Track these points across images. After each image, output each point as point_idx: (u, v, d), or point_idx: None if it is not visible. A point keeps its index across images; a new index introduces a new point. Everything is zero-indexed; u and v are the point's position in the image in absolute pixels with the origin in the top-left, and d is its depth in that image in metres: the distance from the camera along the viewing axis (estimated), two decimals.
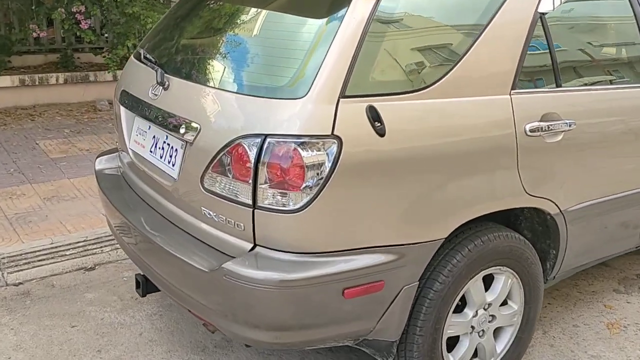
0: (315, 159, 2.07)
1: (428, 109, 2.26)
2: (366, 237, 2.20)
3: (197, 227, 2.39)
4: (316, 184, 2.08)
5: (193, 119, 2.35)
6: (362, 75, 2.16)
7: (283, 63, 2.22)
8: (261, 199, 2.14)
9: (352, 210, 2.15)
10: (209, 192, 2.28)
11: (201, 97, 2.39)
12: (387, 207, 2.21)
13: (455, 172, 2.32)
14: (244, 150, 2.14)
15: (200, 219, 2.36)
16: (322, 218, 2.12)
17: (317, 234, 2.14)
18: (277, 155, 2.09)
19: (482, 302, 2.62)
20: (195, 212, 2.38)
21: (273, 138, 2.09)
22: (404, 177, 2.21)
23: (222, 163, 2.22)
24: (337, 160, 2.08)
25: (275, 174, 2.10)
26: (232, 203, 2.20)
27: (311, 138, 2.07)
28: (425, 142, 2.24)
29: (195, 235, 2.41)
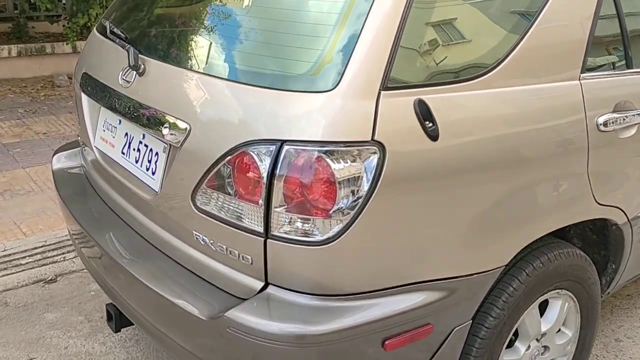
0: (351, 173, 1.55)
1: (487, 103, 1.74)
2: (412, 272, 1.69)
3: (188, 255, 1.85)
4: (351, 207, 1.56)
5: (179, 116, 1.79)
6: (408, 59, 1.63)
7: (303, 42, 1.67)
8: (276, 225, 1.60)
9: (396, 237, 1.64)
10: (203, 212, 1.74)
11: (190, 87, 1.82)
12: (440, 231, 1.70)
13: (521, 181, 1.82)
14: (253, 160, 1.60)
15: (192, 246, 1.82)
16: (358, 250, 1.60)
17: (351, 271, 1.63)
18: (298, 168, 1.55)
19: (537, 333, 2.15)
20: (185, 236, 1.84)
21: (292, 145, 1.55)
22: (460, 192, 1.70)
23: (220, 176, 1.68)
24: (379, 175, 1.55)
25: (296, 194, 1.57)
26: (235, 229, 1.67)
27: (345, 145, 1.53)
28: (486, 146, 1.72)
29: (185, 265, 1.87)
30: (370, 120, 1.54)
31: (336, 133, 1.54)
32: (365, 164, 1.55)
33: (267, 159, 1.58)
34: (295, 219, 1.59)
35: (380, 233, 1.61)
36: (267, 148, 1.58)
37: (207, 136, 1.71)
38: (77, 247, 2.39)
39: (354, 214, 1.56)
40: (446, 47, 1.71)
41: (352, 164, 1.54)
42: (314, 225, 1.58)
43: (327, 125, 1.54)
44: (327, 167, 1.54)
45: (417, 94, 1.61)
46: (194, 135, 1.73)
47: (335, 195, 1.54)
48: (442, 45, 1.70)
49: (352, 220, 1.56)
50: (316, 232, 1.58)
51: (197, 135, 1.73)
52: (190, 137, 1.74)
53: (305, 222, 1.58)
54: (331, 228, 1.57)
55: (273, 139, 1.57)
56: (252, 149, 1.60)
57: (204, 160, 1.70)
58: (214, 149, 1.67)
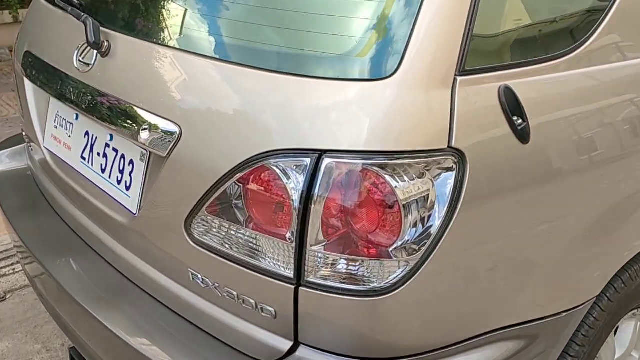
0: (420, 193, 1.09)
1: (581, 86, 1.29)
2: (488, 318, 1.26)
3: (182, 299, 1.37)
4: (420, 240, 1.10)
5: (164, 114, 1.29)
6: (488, 30, 1.16)
7: (343, 8, 1.18)
8: (312, 268, 1.14)
9: (476, 276, 1.20)
10: (202, 245, 1.27)
11: (179, 73, 1.31)
12: (530, 262, 1.27)
13: (626, 184, 1.39)
14: (277, 178, 1.13)
15: (187, 288, 1.35)
16: (427, 299, 1.16)
17: (414, 326, 1.19)
18: (345, 188, 1.09)
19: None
20: (177, 275, 1.36)
21: (336, 157, 1.09)
22: (557, 209, 1.26)
23: (227, 198, 1.20)
24: (459, 195, 1.10)
25: (342, 224, 1.10)
26: (250, 271, 1.20)
27: (412, 156, 1.07)
28: (589, 143, 1.28)
29: (179, 313, 1.39)
30: (446, 119, 1.09)
31: (399, 140, 1.07)
32: (438, 180, 1.10)
33: (298, 177, 1.11)
34: (340, 260, 1.13)
35: (458, 274, 1.17)
36: (298, 161, 1.11)
37: (208, 144, 1.22)
38: (27, 274, 1.88)
39: (425, 251, 1.11)
40: (533, 11, 1.25)
41: (421, 182, 1.09)
42: (368, 269, 1.12)
43: (385, 128, 1.08)
44: (386, 186, 1.08)
45: (502, 79, 1.16)
46: (187, 141, 1.25)
47: (400, 226, 1.09)
48: (527, 11, 1.24)
49: (422, 259, 1.11)
50: (372, 278, 1.12)
51: (191, 142, 1.24)
52: (182, 144, 1.25)
53: (355, 265, 1.13)
54: (392, 272, 1.12)
55: (307, 149, 1.10)
56: (275, 162, 1.13)
57: (203, 176, 1.22)
58: (218, 161, 1.19)
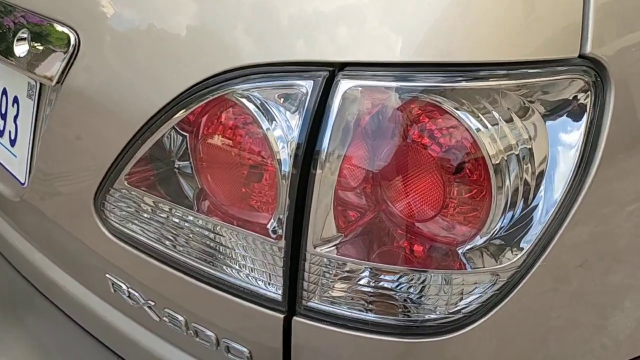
0: (523, 146, 0.57)
1: None
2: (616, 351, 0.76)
3: (100, 319, 0.86)
4: (522, 233, 0.59)
5: (49, 13, 0.74)
6: None
7: None
8: (316, 287, 0.63)
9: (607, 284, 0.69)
10: (125, 240, 0.75)
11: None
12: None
13: None
14: (249, 119, 0.60)
15: (109, 303, 0.84)
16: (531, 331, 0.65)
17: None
18: (376, 136, 0.57)
19: None
20: (92, 283, 0.85)
21: (360, 77, 0.57)
22: None
23: (162, 159, 0.67)
24: (595, 143, 0.59)
25: (370, 203, 0.59)
26: (208, 287, 0.68)
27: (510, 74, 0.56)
28: None
29: (99, 337, 0.88)
30: (577, 11, 0.56)
31: (484, 44, 0.55)
32: (557, 120, 0.58)
33: (291, 117, 0.59)
34: (365, 272, 0.62)
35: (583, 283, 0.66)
36: (290, 87, 0.59)
37: (124, 60, 0.68)
38: None
39: (532, 252, 0.60)
40: None
41: (526, 122, 0.57)
42: (418, 289, 0.61)
43: (458, 24, 0.55)
44: (458, 129, 0.57)
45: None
46: (89, 57, 0.71)
47: (486, 207, 0.58)
48: None
49: (526, 267, 0.60)
50: (423, 305, 0.61)
51: (95, 59, 0.70)
52: (81, 63, 0.71)
53: (393, 280, 0.61)
54: (466, 294, 0.61)
55: (307, 63, 0.58)
56: (245, 89, 0.60)
57: (118, 119, 0.69)
58: (141, 92, 0.66)
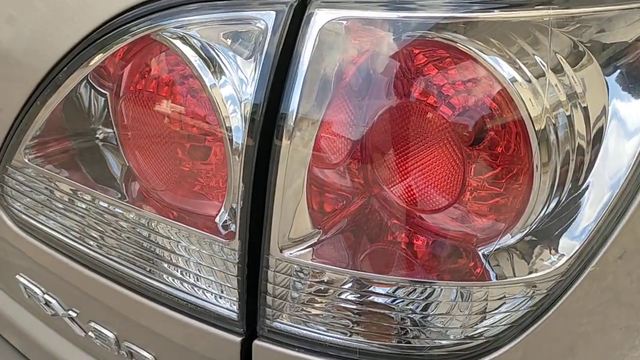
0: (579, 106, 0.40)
1: None
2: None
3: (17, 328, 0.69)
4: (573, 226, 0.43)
5: None
6: None
7: None
8: (283, 303, 0.47)
9: None
10: (35, 234, 0.58)
11: None
12: None
13: None
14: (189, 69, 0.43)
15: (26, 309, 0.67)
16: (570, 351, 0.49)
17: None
18: (365, 93, 0.43)
19: None
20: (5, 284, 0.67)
21: (341, 6, 0.39)
22: None
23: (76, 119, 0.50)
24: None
25: (360, 188, 0.43)
26: (144, 300, 0.51)
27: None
28: None
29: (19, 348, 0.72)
30: None
31: None
32: (623, 67, 0.41)
33: (245, 66, 0.42)
34: (350, 282, 0.45)
35: None
36: (242, 22, 0.41)
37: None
38: None
39: (581, 253, 0.43)
40: None
41: (579, 72, 0.40)
42: (423, 304, 0.44)
43: None
44: (482, 82, 0.40)
45: None
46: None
47: (526, 188, 0.41)
48: None
49: (573, 274, 0.44)
50: (434, 324, 0.44)
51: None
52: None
53: (391, 293, 0.45)
54: (494, 311, 0.44)
55: None
56: (180, 26, 0.42)
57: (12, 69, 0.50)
58: (42, 31, 0.48)
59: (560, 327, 0.46)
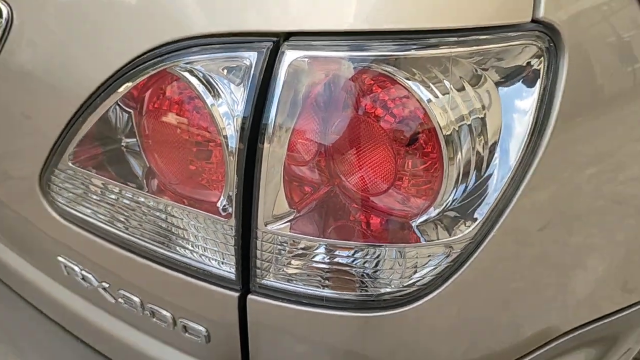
0: (476, 116, 0.56)
1: None
2: (562, 317, 0.76)
3: (56, 302, 0.84)
4: (476, 205, 0.58)
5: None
6: None
7: None
8: (270, 265, 0.62)
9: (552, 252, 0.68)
10: (74, 221, 0.73)
11: None
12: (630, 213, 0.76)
13: None
14: (195, 93, 0.58)
15: (63, 285, 0.82)
16: (483, 301, 0.65)
17: (455, 346, 0.67)
18: (326, 109, 0.56)
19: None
20: (44, 265, 0.82)
21: (307, 48, 0.54)
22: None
23: (107, 136, 0.65)
24: (549, 111, 0.58)
25: (323, 177, 0.58)
26: (162, 268, 0.66)
27: (460, 41, 0.54)
28: None
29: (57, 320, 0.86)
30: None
31: (434, 11, 0.54)
32: (512, 86, 0.57)
33: (236, 91, 0.57)
34: (319, 248, 0.61)
35: (533, 252, 0.65)
36: (234, 59, 0.57)
37: (61, 34, 0.65)
38: None
39: (484, 223, 0.59)
40: None
41: (479, 91, 0.56)
42: (373, 263, 0.60)
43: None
44: (410, 100, 0.56)
45: None
46: (24, 32, 0.67)
47: (437, 178, 0.57)
48: None
49: (479, 239, 0.60)
50: (379, 278, 0.60)
51: (31, 33, 0.67)
52: (15, 38, 0.67)
53: (348, 255, 0.60)
54: (421, 267, 0.60)
55: (252, 34, 0.55)
56: (189, 62, 0.58)
57: (58, 96, 0.65)
58: (81, 67, 0.63)
59: (474, 275, 0.62)
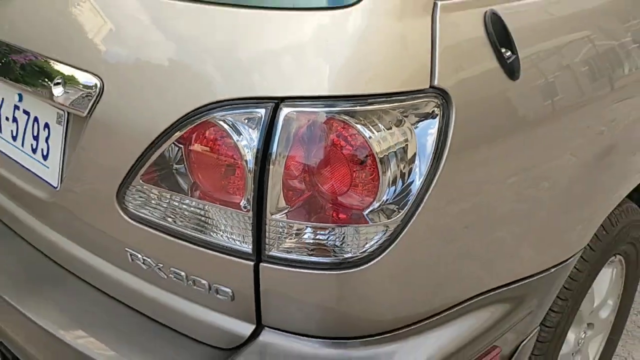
0: (398, 144, 0.92)
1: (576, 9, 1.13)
2: (477, 281, 1.12)
3: (122, 284, 1.17)
4: (401, 200, 0.94)
5: (82, 65, 1.06)
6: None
7: None
8: (274, 241, 0.96)
9: (464, 235, 1.04)
10: (141, 221, 1.06)
11: (97, 15, 1.07)
12: (521, 213, 1.12)
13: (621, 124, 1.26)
14: (226, 135, 0.93)
15: (127, 270, 1.15)
16: (408, 267, 1.00)
17: (396, 298, 1.02)
18: (308, 143, 0.90)
19: (588, 315, 1.67)
20: (113, 256, 1.16)
21: (296, 106, 0.90)
22: (548, 155, 1.11)
23: (166, 163, 1.00)
24: (444, 143, 0.93)
25: (307, 185, 0.92)
26: (201, 248, 1.01)
27: (388, 100, 0.89)
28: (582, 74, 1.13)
29: (121, 300, 1.19)
30: (426, 54, 0.90)
31: (370, 81, 0.89)
32: (419, 128, 0.92)
33: (252, 132, 0.92)
34: (306, 229, 0.95)
35: (442, 235, 1.00)
36: (250, 113, 0.91)
37: (137, 98, 1.00)
38: None
39: (407, 212, 0.94)
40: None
41: (399, 130, 0.91)
42: (340, 237, 0.95)
43: (353, 67, 0.89)
44: (358, 137, 0.90)
45: (487, 3, 0.98)
46: (112, 96, 1.02)
47: (376, 184, 0.91)
48: None
49: (404, 222, 0.94)
50: (343, 247, 0.95)
51: (117, 97, 1.02)
52: (106, 100, 1.03)
53: (324, 233, 0.95)
54: (369, 239, 0.94)
55: (261, 98, 0.90)
56: (222, 115, 0.93)
57: (134, 137, 1.01)
58: (151, 118, 0.98)
59: (404, 247, 0.96)
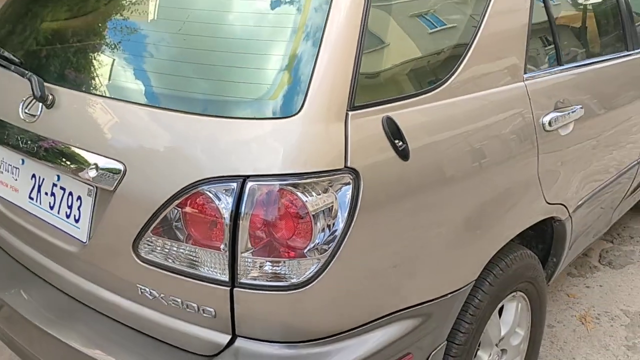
0: (325, 205, 1.38)
1: (448, 113, 1.64)
2: (389, 302, 1.57)
3: (132, 313, 1.60)
4: (328, 242, 1.39)
5: (110, 155, 1.53)
6: (371, 70, 1.49)
7: (254, 62, 1.47)
8: (244, 272, 1.41)
9: (375, 269, 1.50)
10: (149, 262, 1.50)
11: (121, 121, 1.56)
12: (418, 254, 1.58)
13: (487, 188, 1.74)
14: (209, 201, 1.39)
15: (136, 302, 1.58)
16: (336, 289, 1.45)
17: (326, 313, 1.47)
18: (266, 205, 1.36)
19: (497, 339, 2.11)
20: (127, 292, 1.59)
21: (257, 181, 1.36)
22: (435, 210, 1.59)
23: (169, 221, 1.45)
24: (356, 204, 1.40)
25: (265, 234, 1.38)
26: (191, 279, 1.45)
27: (317, 176, 1.37)
28: (454, 157, 1.63)
29: (130, 325, 1.61)
30: (342, 146, 1.39)
31: (306, 163, 1.36)
32: (339, 193, 1.39)
33: (228, 199, 1.38)
34: (266, 263, 1.40)
35: (359, 267, 1.46)
36: (227, 186, 1.38)
37: (149, 177, 1.46)
38: None
39: (332, 250, 1.40)
40: (406, 55, 1.59)
41: (326, 195, 1.38)
42: (288, 268, 1.40)
43: (296, 155, 1.36)
44: (298, 201, 1.36)
45: (383, 110, 1.48)
46: (132, 177, 1.49)
47: (311, 231, 1.37)
48: (402, 53, 1.58)
49: (331, 257, 1.40)
50: (290, 275, 1.40)
51: (135, 177, 1.48)
52: (127, 180, 1.49)
53: (277, 265, 1.40)
54: (307, 269, 1.40)
55: (234, 176, 1.37)
56: (208, 188, 1.39)
57: (146, 205, 1.46)
58: (158, 191, 1.44)
59: (334, 274, 1.41)
